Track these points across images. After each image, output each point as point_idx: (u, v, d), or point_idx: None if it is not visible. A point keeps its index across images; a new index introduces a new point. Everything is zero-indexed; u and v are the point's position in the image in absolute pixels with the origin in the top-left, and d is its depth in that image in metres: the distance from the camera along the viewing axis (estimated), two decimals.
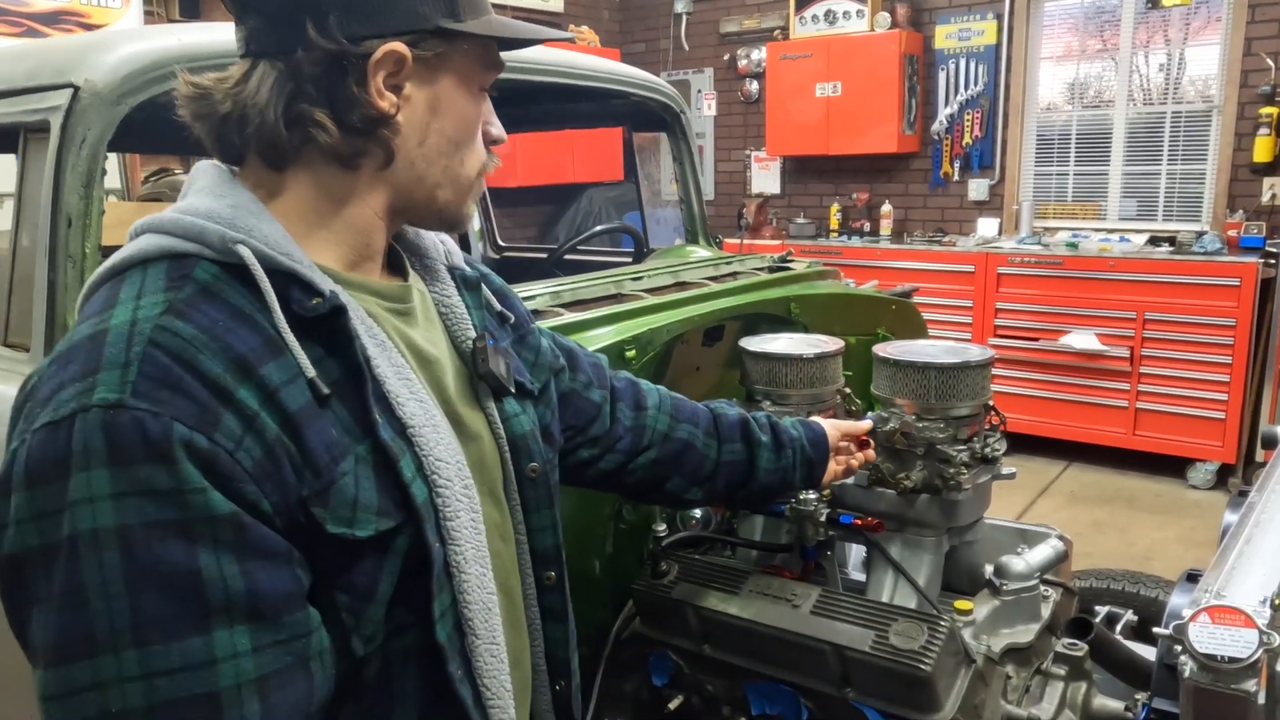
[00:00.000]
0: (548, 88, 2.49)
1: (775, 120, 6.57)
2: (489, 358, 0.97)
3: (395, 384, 0.83)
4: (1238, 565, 1.14)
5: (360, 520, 0.77)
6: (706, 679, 1.69)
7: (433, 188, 0.89)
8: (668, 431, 1.33)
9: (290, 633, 0.72)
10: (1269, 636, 0.95)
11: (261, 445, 0.72)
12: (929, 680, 1.41)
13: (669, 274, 2.08)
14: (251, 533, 0.70)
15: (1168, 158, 5.60)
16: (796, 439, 1.43)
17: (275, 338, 0.77)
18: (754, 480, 1.41)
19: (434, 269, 1.02)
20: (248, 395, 0.72)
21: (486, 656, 0.86)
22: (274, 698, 0.70)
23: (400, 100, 0.84)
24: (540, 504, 1.01)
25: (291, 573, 0.73)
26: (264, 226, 0.81)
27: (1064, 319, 5.28)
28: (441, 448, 0.84)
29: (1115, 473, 5.22)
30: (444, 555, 0.83)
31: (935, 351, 1.64)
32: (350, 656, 0.79)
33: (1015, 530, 1.83)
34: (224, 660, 0.68)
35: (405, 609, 0.81)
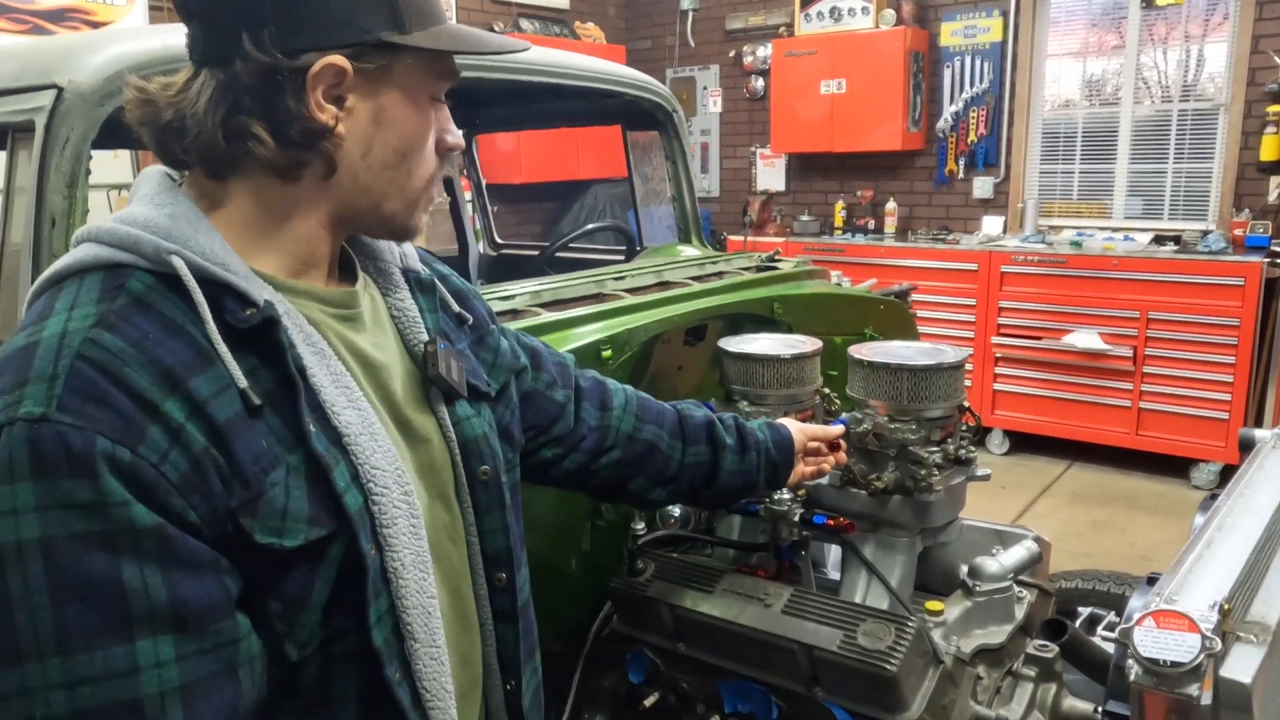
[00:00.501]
0: (541, 87, 2.50)
1: (780, 117, 6.56)
2: (439, 361, 0.97)
3: (332, 393, 0.83)
4: (1195, 570, 1.14)
5: (290, 530, 0.77)
6: (681, 677, 1.70)
7: (379, 198, 0.89)
8: (632, 433, 1.34)
9: (216, 641, 0.73)
10: (1211, 641, 0.96)
11: (188, 458, 0.73)
12: (895, 680, 1.42)
13: (652, 273, 2.09)
14: (176, 544, 0.71)
15: (1174, 156, 5.57)
16: (762, 442, 1.44)
17: (207, 349, 0.77)
18: (717, 481, 1.41)
19: (387, 272, 1.02)
20: (174, 408, 0.73)
21: (426, 659, 0.87)
22: (198, 705, 0.71)
23: (342, 112, 0.84)
24: (492, 506, 1.01)
25: (219, 582, 0.74)
26: (200, 237, 0.81)
27: (1067, 318, 5.26)
28: (379, 455, 0.84)
29: (1118, 473, 5.20)
30: (380, 561, 0.83)
31: (909, 353, 1.64)
32: (284, 661, 0.80)
33: (992, 531, 1.84)
34: (147, 669, 0.69)
35: (342, 614, 0.82)
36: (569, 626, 1.81)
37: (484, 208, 3.69)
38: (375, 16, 0.83)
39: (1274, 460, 1.54)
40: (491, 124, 3.37)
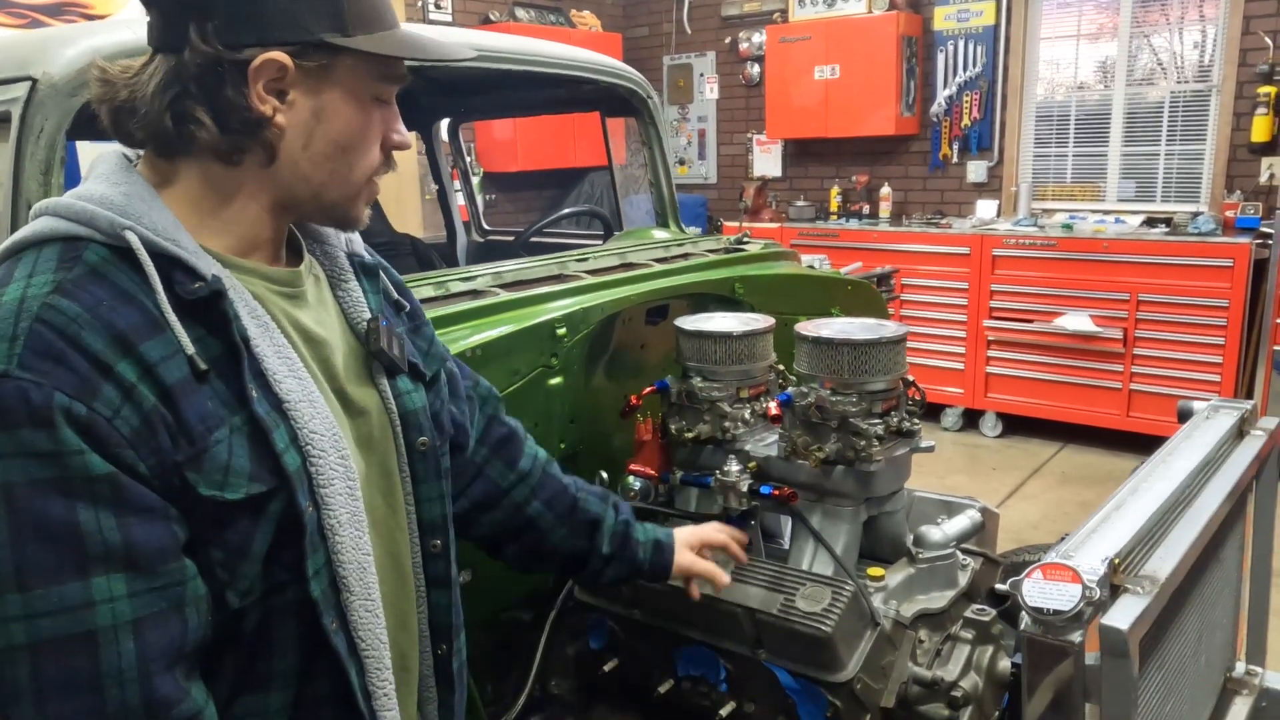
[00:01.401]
0: (516, 75, 2.55)
1: (775, 103, 6.59)
2: (381, 336, 1.04)
3: (274, 362, 0.90)
4: (1099, 529, 1.20)
5: (231, 484, 0.84)
6: (638, 643, 1.77)
7: (318, 188, 0.95)
8: (520, 503, 1.37)
9: (165, 580, 0.80)
10: (1091, 591, 1.01)
11: (139, 414, 0.80)
12: (830, 641, 1.49)
13: (616, 255, 2.15)
14: (128, 491, 0.78)
15: (1166, 138, 5.58)
16: (640, 562, 1.45)
17: (158, 317, 0.84)
18: (586, 572, 1.46)
19: (334, 255, 1.08)
20: (127, 369, 0.80)
21: (361, 611, 0.94)
22: (148, 637, 0.78)
23: (284, 105, 0.90)
24: (429, 476, 1.08)
25: (167, 528, 0.81)
26: (154, 214, 0.88)
27: (1058, 300, 5.29)
28: (317, 421, 0.91)
29: (1109, 454, 5.23)
30: (318, 519, 0.90)
31: (850, 329, 1.69)
32: (226, 608, 0.86)
33: (940, 502, 1.89)
34: (101, 603, 0.76)
35: (282, 567, 0.89)
36: (532, 596, 1.87)
37: (470, 195, 3.75)
38: (319, 17, 0.89)
39: (1204, 430, 1.59)
40: (471, 112, 3.42)
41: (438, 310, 1.69)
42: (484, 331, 1.66)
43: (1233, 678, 1.70)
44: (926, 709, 1.55)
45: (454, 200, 3.67)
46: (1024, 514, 4.54)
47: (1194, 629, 1.44)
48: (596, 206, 3.15)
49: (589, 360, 1.87)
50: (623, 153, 6.64)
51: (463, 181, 3.82)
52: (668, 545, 1.48)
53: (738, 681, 1.64)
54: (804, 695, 1.54)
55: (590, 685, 1.86)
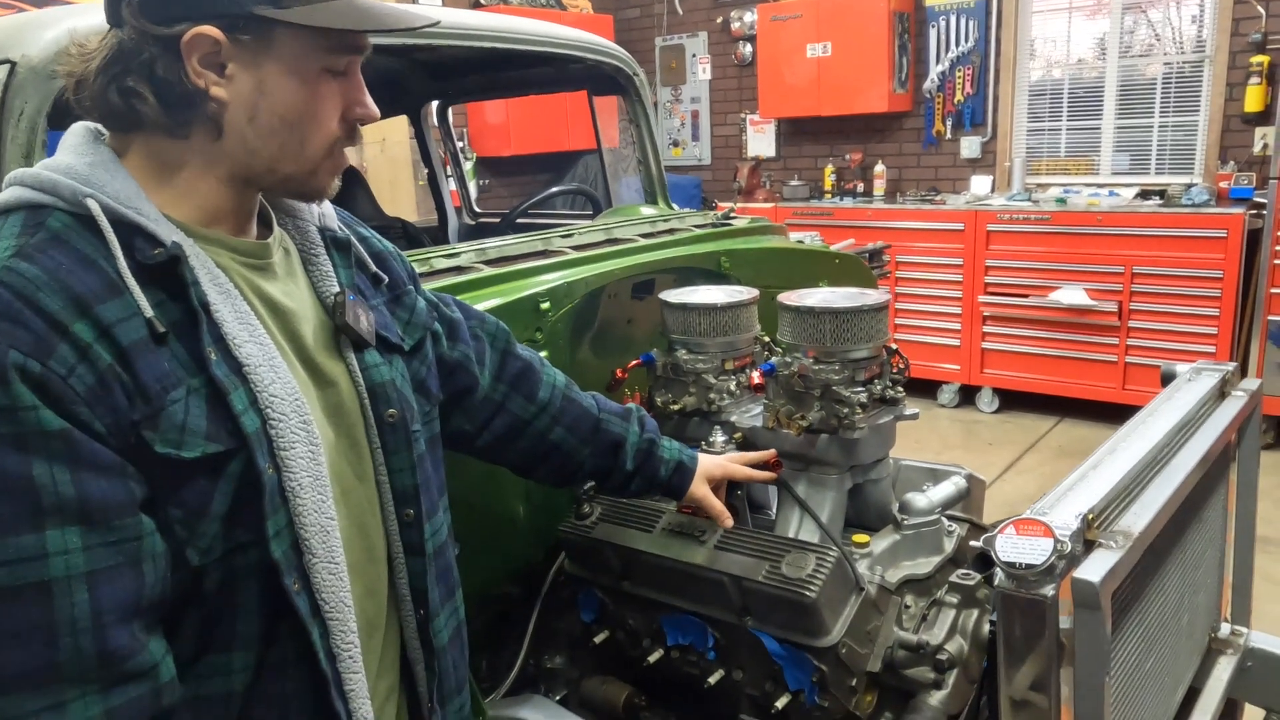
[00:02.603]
0: (501, 54, 2.55)
1: (768, 82, 6.57)
2: (346, 311, 1.05)
3: (234, 327, 0.91)
4: (1075, 487, 1.21)
5: (187, 443, 0.86)
6: (628, 614, 1.78)
7: (271, 161, 0.95)
8: (543, 431, 1.42)
9: (120, 535, 0.82)
10: (1062, 545, 1.02)
11: (94, 373, 0.81)
12: (814, 606, 1.50)
13: (602, 231, 2.15)
14: (82, 447, 0.80)
15: (1160, 110, 5.56)
16: (660, 479, 1.53)
17: (116, 281, 0.85)
18: (612, 484, 1.54)
19: (305, 229, 1.09)
20: (83, 329, 0.82)
21: (324, 573, 0.95)
22: (102, 589, 0.80)
23: (224, 79, 0.90)
24: (399, 447, 1.09)
25: (123, 484, 0.82)
26: (116, 183, 0.89)
27: (1053, 275, 5.29)
28: (278, 385, 0.92)
29: (1105, 427, 5.22)
30: (279, 481, 0.91)
31: (833, 298, 1.70)
32: (187, 566, 0.88)
33: (926, 470, 1.90)
34: (55, 555, 0.78)
35: (243, 528, 0.90)
36: (523, 571, 1.89)
37: (461, 179, 3.75)
38: None
39: (1185, 392, 1.60)
40: (459, 94, 3.42)
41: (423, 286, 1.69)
42: None
43: (1217, 638, 1.71)
44: (912, 673, 1.56)
45: (445, 184, 3.67)
46: (1020, 488, 4.56)
47: (1176, 588, 1.45)
48: (582, 185, 3.14)
49: (574, 335, 1.88)
50: (615, 135, 6.64)
51: (453, 165, 3.82)
52: (689, 469, 1.55)
53: (726, 649, 1.66)
54: (790, 661, 1.56)
55: (582, 658, 1.88)
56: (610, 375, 1.89)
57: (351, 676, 0.98)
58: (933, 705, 1.55)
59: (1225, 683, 1.64)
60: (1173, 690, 1.53)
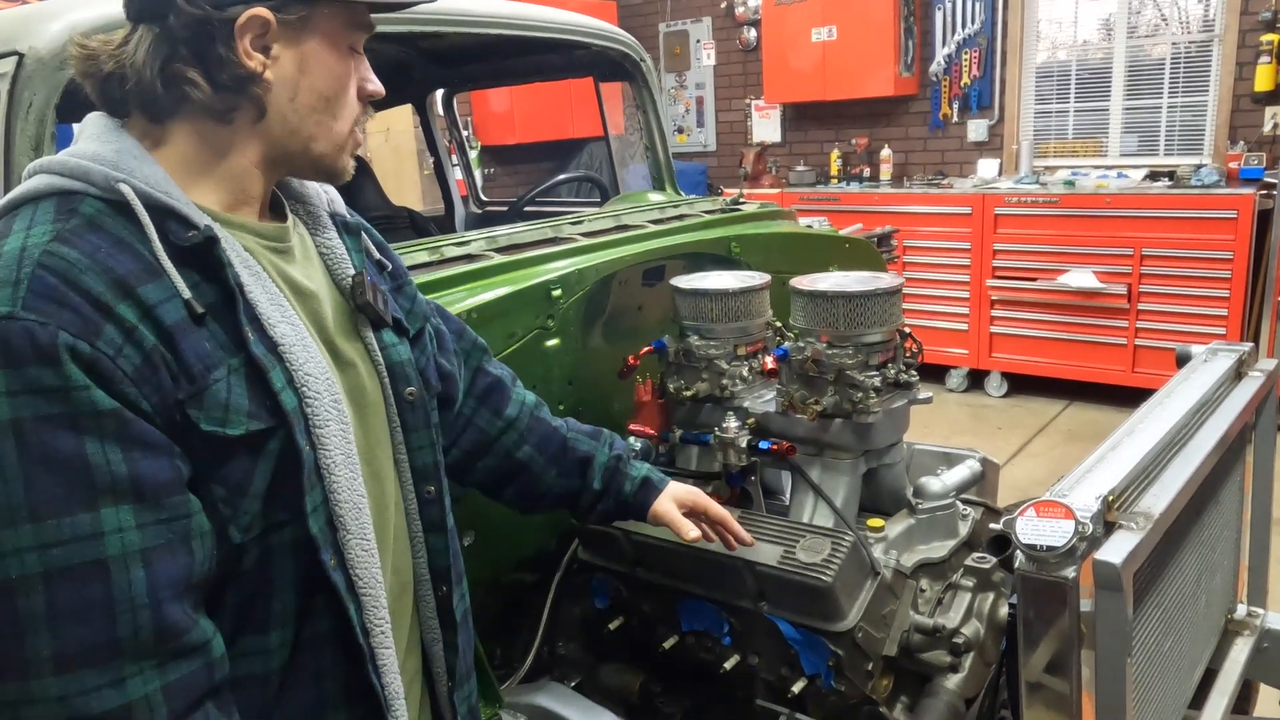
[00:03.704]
0: (507, 40, 2.54)
1: (772, 67, 6.54)
2: (366, 290, 1.07)
3: (268, 308, 0.93)
4: (1094, 469, 1.20)
5: (232, 421, 0.87)
6: (642, 600, 1.78)
7: (307, 140, 0.97)
8: (510, 449, 1.39)
9: (171, 513, 0.83)
10: (1084, 526, 1.02)
11: (140, 353, 0.82)
12: (831, 591, 1.50)
13: (611, 218, 2.14)
14: (132, 426, 0.81)
15: (1169, 90, 5.52)
16: (624, 495, 1.46)
17: (154, 264, 0.86)
18: (579, 508, 1.48)
19: (316, 214, 1.11)
20: (127, 310, 0.83)
21: (358, 550, 0.97)
22: (157, 567, 0.81)
23: (269, 60, 0.92)
24: (419, 425, 1.11)
25: (171, 463, 0.84)
26: (145, 168, 0.91)
27: (1062, 258, 5.26)
28: (311, 364, 0.94)
29: (1115, 410, 5.22)
30: (314, 458, 0.93)
31: (846, 281, 1.69)
32: (228, 544, 0.89)
33: (940, 454, 1.90)
34: (110, 533, 0.79)
35: (281, 505, 0.91)
36: (536, 558, 1.89)
37: (467, 167, 3.74)
38: None
39: (1201, 373, 1.58)
40: (465, 82, 3.41)
41: (433, 275, 1.69)
42: (479, 295, 1.67)
43: (1234, 619, 1.70)
44: (928, 656, 1.56)
45: (451, 173, 3.66)
46: (1030, 472, 4.55)
47: (1193, 569, 1.45)
48: (590, 172, 3.13)
49: (585, 322, 1.87)
50: (621, 122, 6.61)
51: (459, 154, 3.81)
52: (655, 487, 1.48)
53: (741, 634, 1.66)
54: (806, 645, 1.56)
55: (596, 644, 1.88)
56: (622, 362, 1.88)
57: (383, 652, 1.00)
58: (949, 688, 1.55)
59: (1242, 664, 1.63)
60: (1190, 671, 1.53)
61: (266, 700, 0.95)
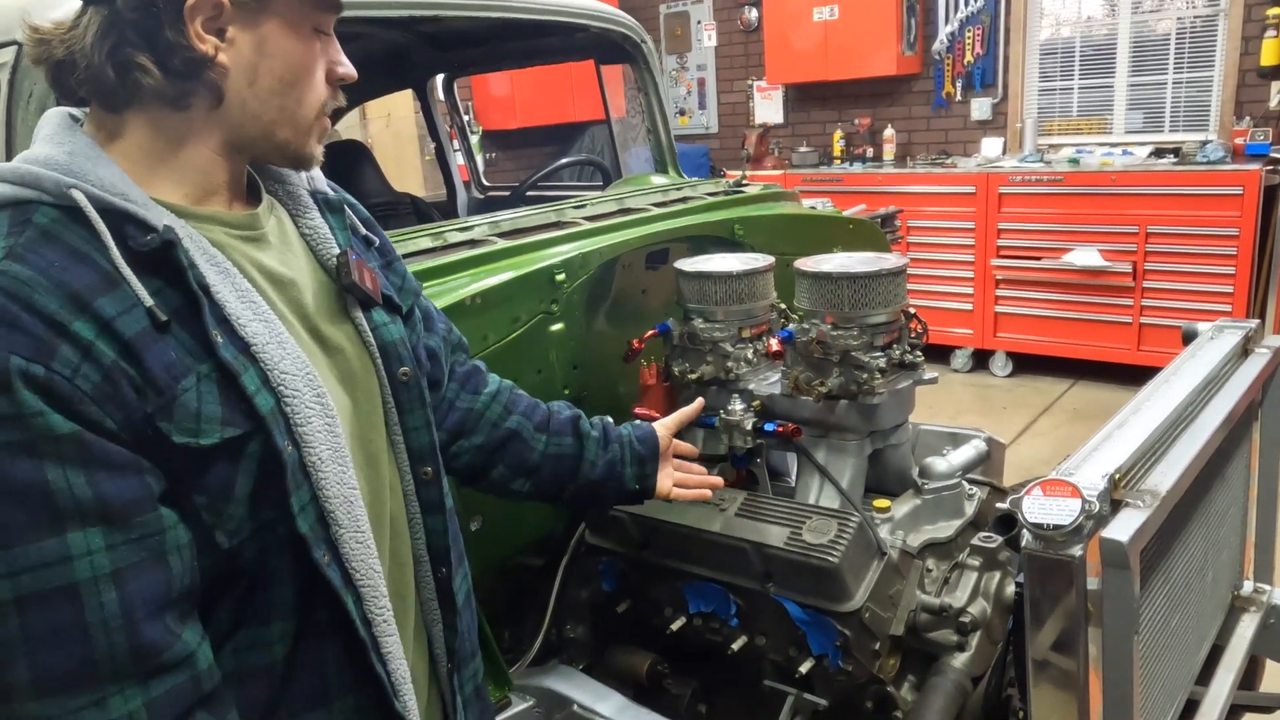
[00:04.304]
0: (507, 24, 2.52)
1: (774, 47, 6.50)
2: (352, 270, 1.04)
3: (237, 307, 0.89)
4: (1101, 447, 1.20)
5: (205, 430, 0.85)
6: (649, 583, 1.79)
7: (269, 126, 0.94)
8: (496, 420, 1.36)
9: (143, 531, 0.81)
10: (1090, 505, 1.02)
11: (99, 370, 0.80)
12: (837, 571, 1.50)
13: (614, 201, 2.14)
14: (94, 448, 0.79)
15: (1174, 66, 5.48)
16: (625, 436, 1.44)
17: (112, 273, 0.83)
18: (580, 474, 1.41)
19: (296, 194, 1.08)
20: (83, 327, 0.80)
21: (352, 543, 0.95)
22: (130, 587, 0.80)
23: (224, 43, 0.89)
24: (414, 405, 1.08)
25: (140, 480, 0.82)
26: (100, 170, 0.87)
27: (1066, 236, 5.24)
28: (287, 361, 0.91)
29: (1120, 388, 5.22)
30: (299, 456, 0.91)
31: (850, 262, 1.69)
32: (217, 549, 0.88)
33: (946, 434, 1.90)
34: (79, 557, 0.77)
35: (268, 505, 0.90)
36: (544, 541, 1.90)
37: (469, 152, 3.73)
38: None
39: (1207, 350, 1.58)
40: (465, 66, 3.39)
41: (436, 260, 1.69)
42: (483, 280, 1.66)
43: (1240, 595, 1.71)
44: (935, 635, 1.57)
45: (453, 158, 3.65)
46: (1035, 451, 4.55)
47: (1200, 546, 1.45)
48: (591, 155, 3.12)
49: (589, 306, 1.87)
50: (622, 104, 6.58)
51: (461, 139, 3.79)
52: (640, 423, 1.49)
53: (748, 616, 1.66)
54: (814, 626, 1.56)
55: (604, 627, 1.89)
56: (626, 345, 1.88)
57: (387, 640, 0.99)
58: (956, 667, 1.55)
59: (1249, 640, 1.64)
60: (1197, 648, 1.53)
61: (273, 690, 0.94)
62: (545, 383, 1.78)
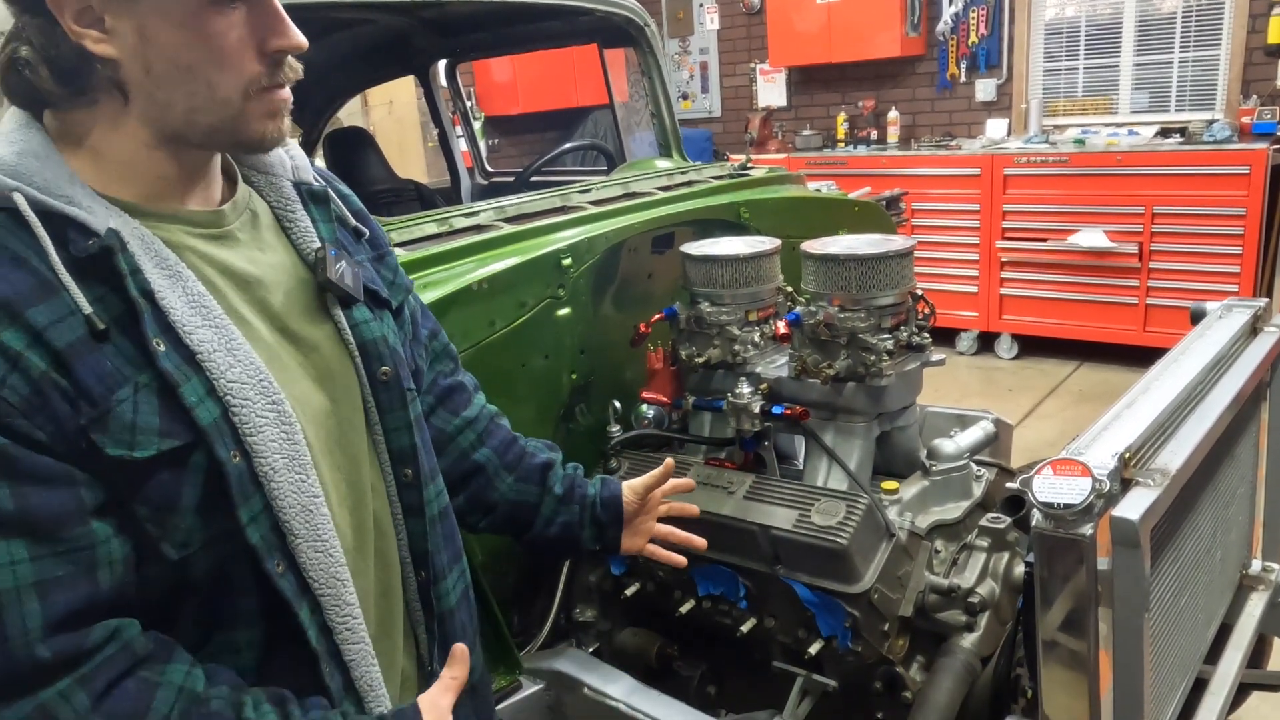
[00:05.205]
0: (511, 8, 2.52)
1: (777, 30, 6.46)
2: (329, 266, 1.00)
3: (184, 314, 0.86)
4: (1110, 426, 1.20)
5: (140, 443, 0.82)
6: (658, 566, 1.79)
7: (187, 114, 0.87)
8: (466, 449, 1.29)
9: (71, 545, 0.80)
10: (1101, 484, 1.02)
11: (27, 382, 0.78)
12: (846, 553, 1.51)
13: (619, 185, 2.13)
14: (21, 462, 0.78)
15: (1180, 45, 5.43)
16: (589, 498, 1.34)
17: (50, 279, 0.81)
18: (535, 525, 1.34)
19: (278, 185, 1.04)
20: (12, 338, 0.78)
21: (310, 552, 0.91)
22: (53, 598, 0.78)
23: (105, 34, 0.84)
24: (394, 405, 1.05)
25: (71, 492, 0.80)
26: (47, 171, 0.84)
27: (1072, 218, 5.22)
28: (237, 369, 0.88)
29: (1126, 370, 5.21)
30: (247, 467, 0.88)
31: (857, 245, 1.68)
32: (165, 560, 0.85)
33: (954, 415, 1.90)
34: (1, 567, 0.76)
35: (219, 516, 0.87)
36: None
37: (472, 138, 3.72)
38: None
39: (1215, 329, 1.58)
40: (467, 52, 3.38)
41: (442, 246, 1.69)
42: (489, 265, 1.66)
43: (1249, 574, 1.71)
44: (944, 616, 1.58)
45: (456, 144, 3.64)
46: (1041, 433, 4.55)
47: (1209, 525, 1.45)
48: (596, 140, 3.11)
49: (596, 291, 1.87)
50: (624, 88, 6.55)
51: (464, 125, 3.79)
52: (613, 483, 1.37)
53: (757, 598, 1.67)
54: (823, 607, 1.57)
55: (613, 610, 1.90)
56: (633, 330, 1.88)
57: (350, 648, 0.96)
58: (965, 648, 1.56)
59: (1257, 619, 1.64)
60: (1205, 627, 1.54)
61: None
62: (553, 368, 1.78)
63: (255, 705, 0.87)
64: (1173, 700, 1.36)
